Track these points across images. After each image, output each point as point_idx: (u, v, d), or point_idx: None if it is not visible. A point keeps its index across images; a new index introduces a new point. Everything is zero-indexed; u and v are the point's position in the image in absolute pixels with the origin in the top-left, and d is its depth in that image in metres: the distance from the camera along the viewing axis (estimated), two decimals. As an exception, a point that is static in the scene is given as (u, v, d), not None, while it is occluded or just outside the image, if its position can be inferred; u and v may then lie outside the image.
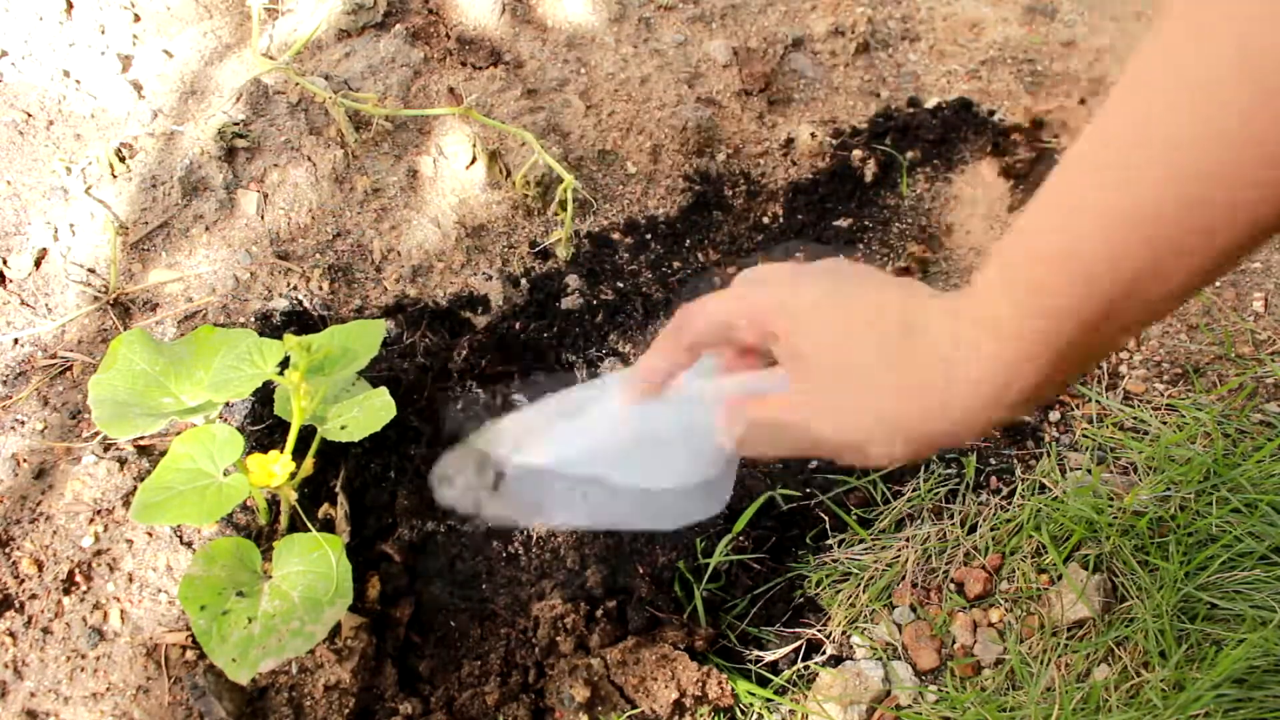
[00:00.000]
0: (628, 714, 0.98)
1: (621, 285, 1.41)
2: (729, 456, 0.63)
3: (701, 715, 0.99)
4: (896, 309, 0.51)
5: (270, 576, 0.94)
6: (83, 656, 0.99)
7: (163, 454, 0.98)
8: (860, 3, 1.79)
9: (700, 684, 0.99)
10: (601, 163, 1.55)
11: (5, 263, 1.29)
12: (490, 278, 1.40)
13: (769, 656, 1.06)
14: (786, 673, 1.05)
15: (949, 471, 1.18)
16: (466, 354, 1.25)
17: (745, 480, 1.17)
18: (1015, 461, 1.20)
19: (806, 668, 1.05)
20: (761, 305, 0.56)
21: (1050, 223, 0.45)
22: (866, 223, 1.51)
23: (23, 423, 1.15)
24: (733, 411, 0.58)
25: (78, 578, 1.04)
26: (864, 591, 1.10)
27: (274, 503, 1.08)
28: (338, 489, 1.08)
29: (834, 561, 1.12)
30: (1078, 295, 0.44)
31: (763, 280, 0.58)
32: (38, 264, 1.29)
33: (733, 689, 1.01)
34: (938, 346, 0.49)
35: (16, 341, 1.22)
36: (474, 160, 1.45)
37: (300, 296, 1.30)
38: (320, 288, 1.32)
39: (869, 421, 0.51)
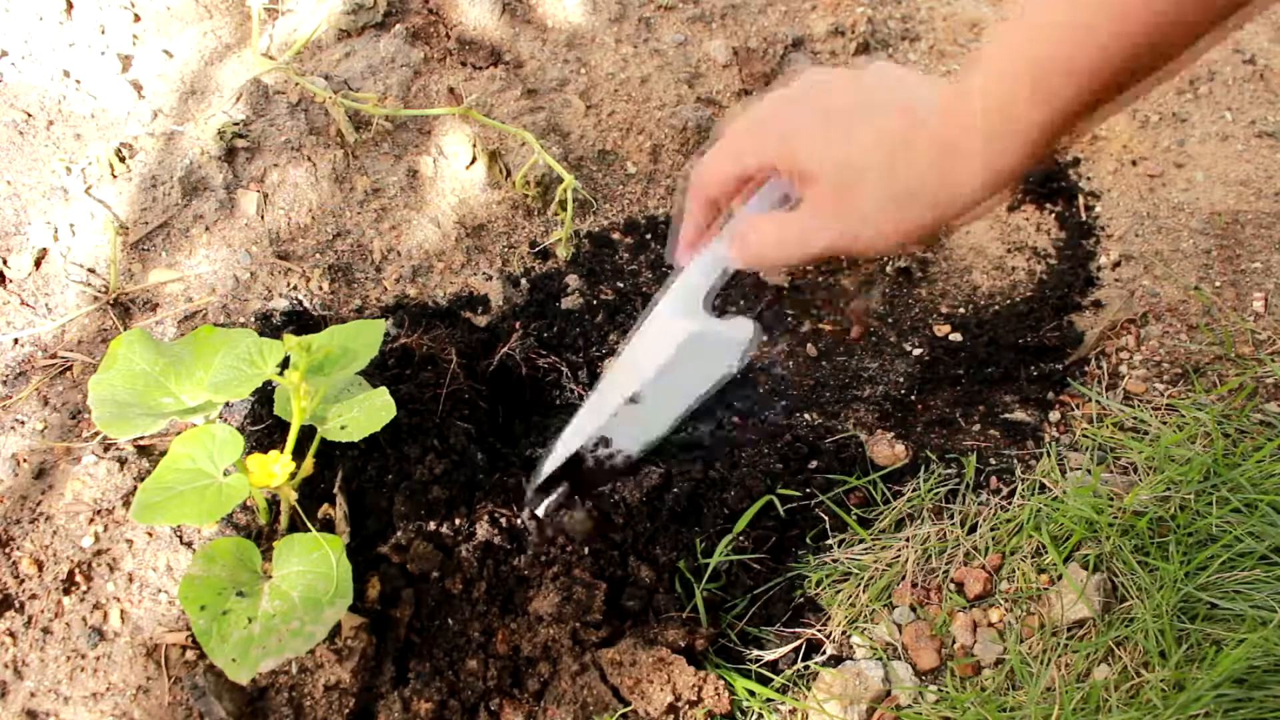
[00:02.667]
0: (620, 713, 0.98)
1: (621, 285, 1.41)
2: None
3: (695, 718, 0.99)
4: (898, 130, 0.60)
5: (270, 576, 0.94)
6: (83, 656, 0.99)
7: (163, 454, 0.98)
8: (860, 3, 1.78)
9: (696, 689, 0.99)
10: (601, 163, 1.55)
11: (5, 263, 1.29)
12: (490, 278, 1.40)
13: (769, 656, 1.06)
14: (787, 672, 1.05)
15: (949, 471, 1.18)
16: (465, 352, 1.25)
17: (745, 480, 1.17)
18: (1015, 461, 1.20)
19: (806, 667, 1.05)
20: (763, 145, 0.64)
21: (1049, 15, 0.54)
22: (866, 223, 1.51)
23: (23, 423, 1.15)
24: (744, 225, 0.67)
25: (78, 578, 1.04)
26: (864, 591, 1.10)
27: (274, 503, 1.08)
28: (337, 489, 1.08)
29: (834, 561, 1.12)
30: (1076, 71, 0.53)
31: (759, 120, 0.66)
32: (38, 264, 1.29)
33: (730, 695, 1.01)
34: (932, 155, 0.58)
35: (16, 341, 1.22)
36: (474, 160, 1.45)
37: (300, 296, 1.30)
38: (320, 288, 1.32)
39: (867, 216, 0.61)
